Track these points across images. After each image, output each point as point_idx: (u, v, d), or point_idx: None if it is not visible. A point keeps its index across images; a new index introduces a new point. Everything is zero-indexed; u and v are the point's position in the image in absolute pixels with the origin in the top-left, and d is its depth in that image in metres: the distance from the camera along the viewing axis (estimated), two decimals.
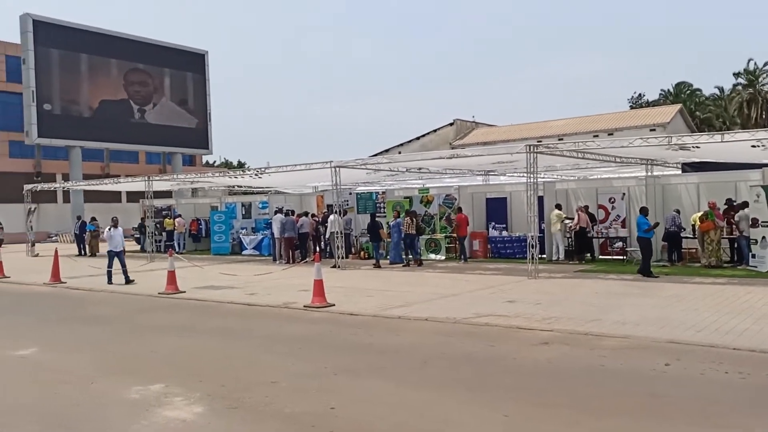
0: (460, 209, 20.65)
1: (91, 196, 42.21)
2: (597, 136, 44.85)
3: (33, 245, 29.13)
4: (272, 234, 22.21)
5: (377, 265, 19.12)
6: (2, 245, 25.57)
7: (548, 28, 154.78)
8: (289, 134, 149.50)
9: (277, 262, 21.35)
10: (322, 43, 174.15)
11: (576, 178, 24.65)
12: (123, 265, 16.08)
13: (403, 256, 19.47)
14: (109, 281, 16.15)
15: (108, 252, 16.25)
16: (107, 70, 46.50)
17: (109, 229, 16.39)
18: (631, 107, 67.89)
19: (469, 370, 7.16)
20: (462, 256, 20.18)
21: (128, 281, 15.96)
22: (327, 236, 21.69)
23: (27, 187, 30.60)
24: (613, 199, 19.47)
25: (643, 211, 15.30)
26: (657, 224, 15.90)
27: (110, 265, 16.22)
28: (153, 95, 49.44)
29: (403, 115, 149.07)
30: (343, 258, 19.30)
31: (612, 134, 45.70)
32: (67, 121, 43.47)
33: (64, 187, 36.14)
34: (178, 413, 5.80)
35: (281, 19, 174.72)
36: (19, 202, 33.45)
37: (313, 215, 23.31)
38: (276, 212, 22.69)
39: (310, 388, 6.49)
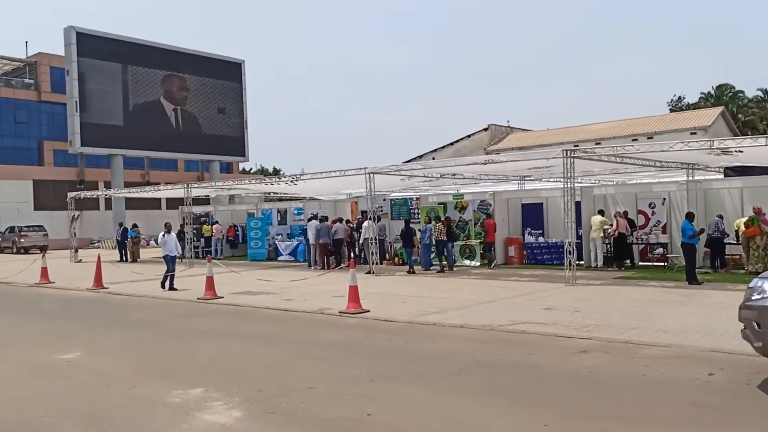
0: (488, 215, 20.60)
1: (132, 203, 43.14)
2: (636, 139, 44.14)
3: (76, 251, 29.86)
4: (307, 240, 22.37)
5: (411, 271, 19.14)
6: (47, 251, 26.25)
7: (584, 30, 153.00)
8: (323, 140, 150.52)
9: (312, 267, 21.49)
10: (357, 50, 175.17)
11: (614, 183, 24.28)
12: (171, 271, 16.32)
13: (434, 262, 19.43)
14: (171, 287, 16.14)
15: (164, 257, 16.47)
16: (148, 79, 47.52)
17: (163, 235, 16.65)
18: (671, 110, 66.54)
19: (507, 378, 7.10)
20: (489, 262, 20.19)
21: (163, 287, 16.20)
22: (361, 242, 21.78)
23: (71, 194, 31.45)
24: (653, 205, 19.13)
25: (689, 217, 14.98)
26: (702, 230, 15.56)
27: (170, 269, 16.32)
28: (192, 104, 50.34)
29: (438, 120, 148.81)
30: (377, 264, 19.33)
31: (651, 138, 44.88)
32: (109, 131, 44.52)
33: (106, 195, 37.02)
34: (218, 417, 5.88)
35: (317, 26, 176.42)
36: (63, 209, 34.40)
37: (347, 221, 23.42)
38: (310, 218, 22.87)
39: (347, 394, 6.52)
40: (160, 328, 11.02)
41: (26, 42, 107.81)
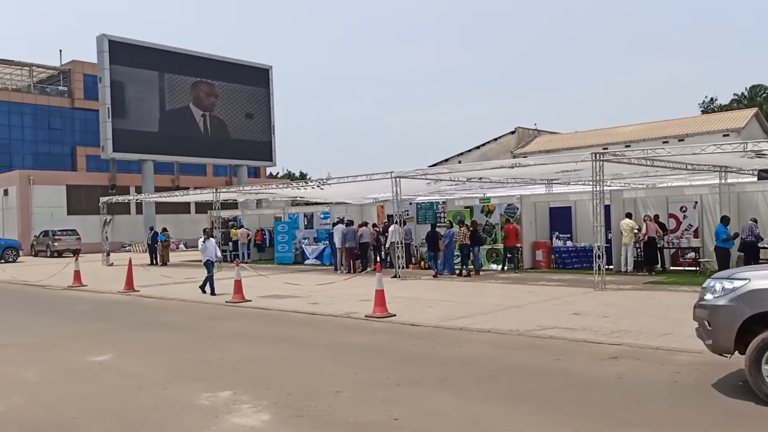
0: (508, 220, 20.55)
1: (162, 208, 43.76)
2: (666, 142, 43.46)
3: (108, 255, 30.38)
4: (333, 244, 22.46)
5: (436, 275, 19.11)
6: (80, 254, 26.76)
7: (614, 32, 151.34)
8: (350, 145, 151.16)
9: (338, 271, 21.56)
10: (382, 53, 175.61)
11: (645, 186, 23.93)
12: (211, 275, 16.33)
13: (456, 267, 19.42)
14: (212, 291, 16.02)
15: (204, 263, 16.44)
16: (177, 86, 48.19)
17: (203, 241, 16.62)
18: (703, 112, 65.47)
19: (536, 384, 7.04)
20: (506, 265, 20.39)
21: (203, 291, 16.35)
22: (387, 246, 21.79)
23: (103, 199, 32.06)
24: (684, 208, 18.83)
25: (724, 220, 14.71)
26: (737, 234, 15.26)
27: (210, 274, 16.28)
28: (220, 109, 50.90)
29: (464, 124, 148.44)
30: (403, 268, 19.32)
31: (683, 140, 44.22)
32: (140, 136, 45.23)
33: (137, 200, 37.61)
34: (246, 420, 5.94)
35: (342, 30, 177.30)
36: (95, 213, 35.07)
37: (373, 225, 23.46)
38: (336, 223, 22.97)
39: (374, 399, 6.53)
40: (189, 331, 11.15)
41: (60, 50, 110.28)
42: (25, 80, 67.15)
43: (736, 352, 6.35)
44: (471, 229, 19.57)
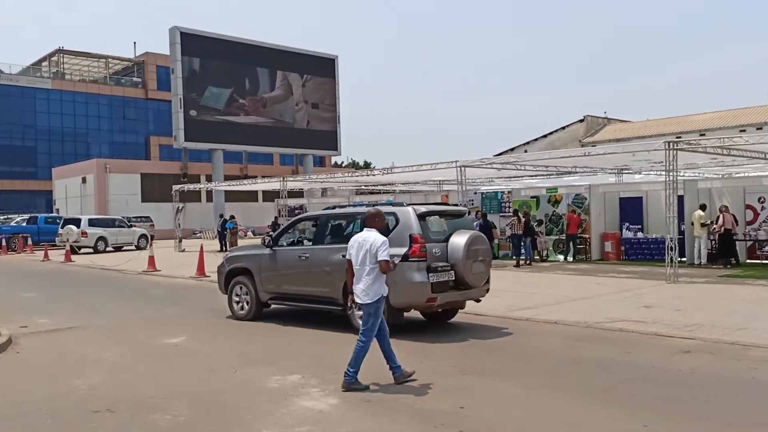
0: (573, 210, 20.21)
1: (231, 196, 44.92)
2: (744, 130, 41.56)
3: (180, 241, 31.46)
4: None
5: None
6: (154, 241, 27.86)
7: (689, 18, 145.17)
8: (414, 133, 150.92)
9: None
10: (448, 42, 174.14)
11: (720, 176, 22.99)
12: None
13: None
14: None
15: None
16: (245, 76, 49.22)
17: None
18: None
19: (604, 377, 6.92)
20: (572, 255, 20.30)
21: None
22: None
23: (175, 187, 33.21)
24: (762, 199, 18.00)
25: None
26: None
27: None
28: (289, 100, 51.74)
29: (531, 112, 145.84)
30: None
31: (761, 128, 42.13)
32: (210, 126, 46.50)
33: (207, 188, 38.75)
34: (314, 404, 6.08)
35: (407, 18, 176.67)
36: (168, 201, 36.31)
37: None
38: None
39: (439, 386, 6.56)
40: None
41: (134, 42, 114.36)
42: (102, 72, 70.08)
43: None
44: (524, 219, 19.32)
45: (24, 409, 6.17)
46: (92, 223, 30.63)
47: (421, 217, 9.24)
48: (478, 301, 10.10)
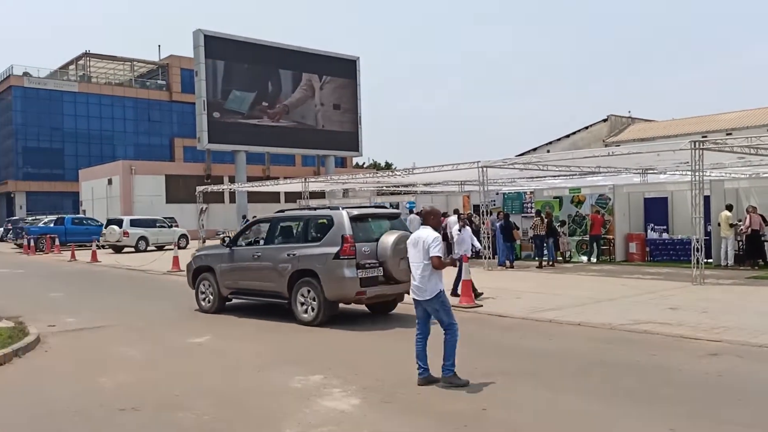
0: (597, 211, 20.07)
1: (253, 197, 45.20)
2: None
3: (204, 242, 31.75)
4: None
5: (511, 266, 18.83)
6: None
7: (711, 16, 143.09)
8: (435, 134, 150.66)
9: None
10: (469, 41, 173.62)
11: (747, 175, 22.59)
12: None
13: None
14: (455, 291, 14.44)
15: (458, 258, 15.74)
16: (268, 78, 49.54)
17: (459, 230, 13.52)
18: None
19: (629, 379, 6.83)
20: (596, 257, 20.15)
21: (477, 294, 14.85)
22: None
23: (199, 188, 33.53)
24: None
25: None
26: None
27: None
28: (310, 101, 51.95)
29: (554, 112, 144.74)
30: (489, 258, 19.13)
31: None
32: (233, 128, 46.87)
33: (230, 189, 39.05)
34: (337, 404, 6.10)
35: (428, 18, 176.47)
36: (192, 202, 36.70)
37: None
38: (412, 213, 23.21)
39: (462, 388, 6.53)
40: (279, 317, 11.49)
41: (159, 45, 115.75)
42: (127, 75, 71.02)
43: None
44: (546, 219, 19.17)
45: (52, 407, 6.28)
46: (134, 223, 31.94)
47: (354, 219, 10.32)
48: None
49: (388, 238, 10.22)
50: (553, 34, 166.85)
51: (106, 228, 32.05)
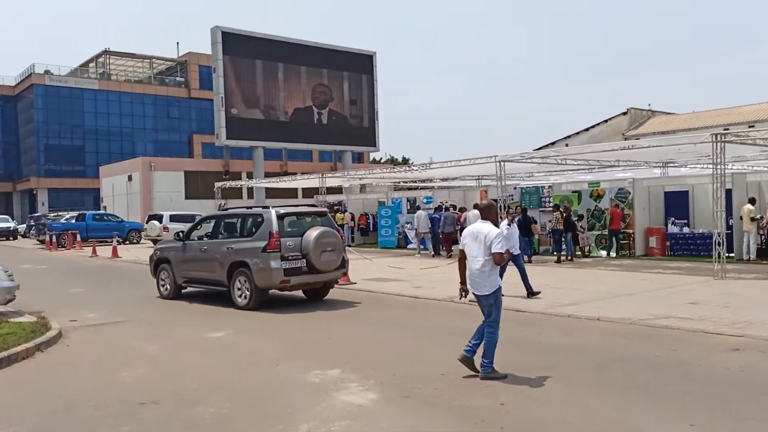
0: (617, 205, 19.91)
1: (271, 192, 45.37)
2: None
3: None
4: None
5: (529, 261, 18.66)
6: None
7: (733, 7, 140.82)
8: (453, 129, 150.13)
9: (418, 254, 21.55)
10: (487, 35, 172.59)
11: None
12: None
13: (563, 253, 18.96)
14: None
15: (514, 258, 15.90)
16: (285, 74, 49.64)
17: (508, 225, 13.95)
18: None
19: (649, 375, 6.76)
20: (616, 251, 19.92)
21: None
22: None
23: (217, 184, 33.76)
24: None
25: None
26: None
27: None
28: (327, 97, 51.97)
29: (573, 106, 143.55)
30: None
31: None
32: (251, 124, 47.05)
33: (248, 185, 39.24)
34: (354, 398, 6.11)
35: (445, 13, 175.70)
36: (210, 198, 36.94)
37: (461, 209, 23.32)
38: (416, 208, 23.29)
39: (479, 383, 6.52)
40: (298, 311, 11.56)
41: (177, 42, 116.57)
42: (146, 72, 71.62)
43: None
44: (564, 214, 18.99)
45: (73, 400, 6.36)
46: (173, 218, 32.94)
47: (281, 217, 11.65)
48: (336, 282, 13.01)
49: (312, 233, 11.56)
50: (574, 28, 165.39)
51: (147, 223, 33.66)
